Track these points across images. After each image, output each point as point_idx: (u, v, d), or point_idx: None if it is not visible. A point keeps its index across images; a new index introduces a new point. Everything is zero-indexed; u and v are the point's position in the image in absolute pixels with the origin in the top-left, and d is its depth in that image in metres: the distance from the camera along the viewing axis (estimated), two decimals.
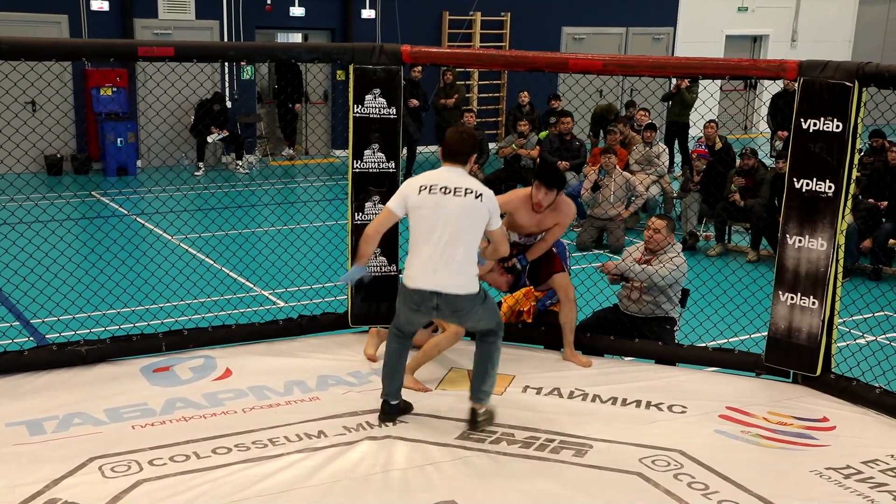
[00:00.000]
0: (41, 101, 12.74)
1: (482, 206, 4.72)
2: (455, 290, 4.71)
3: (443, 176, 4.78)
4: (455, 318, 4.93)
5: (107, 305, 7.09)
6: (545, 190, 5.70)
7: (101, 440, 4.78)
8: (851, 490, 4.48)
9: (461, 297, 4.73)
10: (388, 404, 5.07)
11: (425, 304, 4.77)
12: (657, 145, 12.07)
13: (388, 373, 5.05)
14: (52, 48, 5.77)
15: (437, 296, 4.71)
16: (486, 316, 4.92)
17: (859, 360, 6.12)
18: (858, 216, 9.55)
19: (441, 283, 4.69)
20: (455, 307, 4.76)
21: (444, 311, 4.80)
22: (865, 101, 5.36)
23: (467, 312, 4.81)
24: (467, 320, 4.92)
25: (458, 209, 4.69)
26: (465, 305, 4.77)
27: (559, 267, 6.00)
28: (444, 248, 4.68)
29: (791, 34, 20.61)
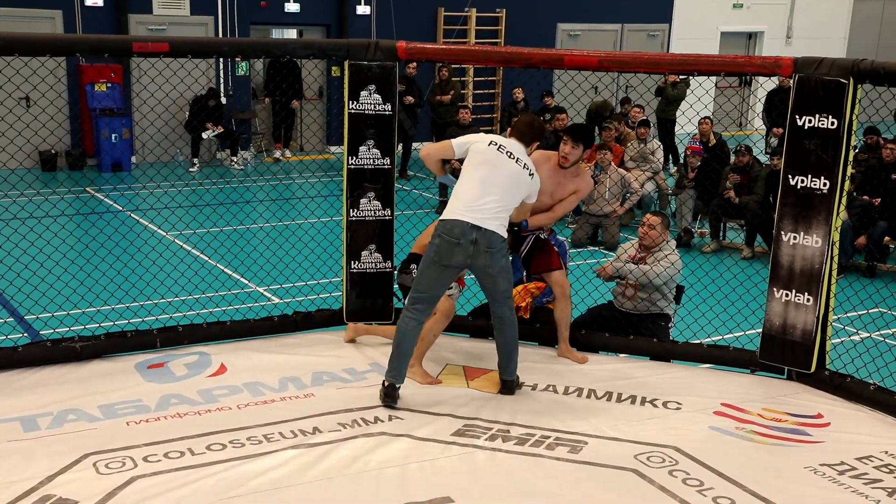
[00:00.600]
0: (35, 97, 12.71)
1: (530, 183, 5.32)
2: (493, 228, 5.17)
3: (512, 144, 5.34)
4: (488, 258, 5.19)
5: (101, 301, 7.08)
6: (572, 143, 5.74)
7: (96, 436, 4.77)
8: (846, 486, 4.49)
9: (497, 235, 5.18)
10: (394, 387, 5.21)
11: (465, 238, 5.13)
12: (652, 142, 12.08)
13: (398, 354, 5.21)
14: (46, 43, 5.75)
15: (477, 230, 5.14)
16: (507, 276, 5.35)
17: (854, 356, 6.13)
18: (853, 213, 9.58)
19: (482, 221, 5.16)
20: (490, 243, 5.15)
21: (481, 246, 5.14)
22: (860, 98, 5.36)
23: (497, 252, 5.19)
24: (496, 263, 5.22)
25: (512, 174, 5.23)
26: (497, 243, 5.19)
27: (557, 264, 5.98)
28: (491, 199, 5.18)
29: (786, 31, 20.64)
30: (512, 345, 5.43)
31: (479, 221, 5.14)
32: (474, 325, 6.44)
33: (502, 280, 5.31)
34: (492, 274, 5.25)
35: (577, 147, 5.74)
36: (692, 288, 7.16)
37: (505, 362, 5.46)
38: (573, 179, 5.86)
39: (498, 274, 5.27)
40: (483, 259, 5.18)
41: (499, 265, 5.25)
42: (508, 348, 5.43)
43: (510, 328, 5.40)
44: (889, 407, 5.33)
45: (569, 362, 5.98)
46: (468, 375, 5.73)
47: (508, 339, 5.41)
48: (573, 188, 5.87)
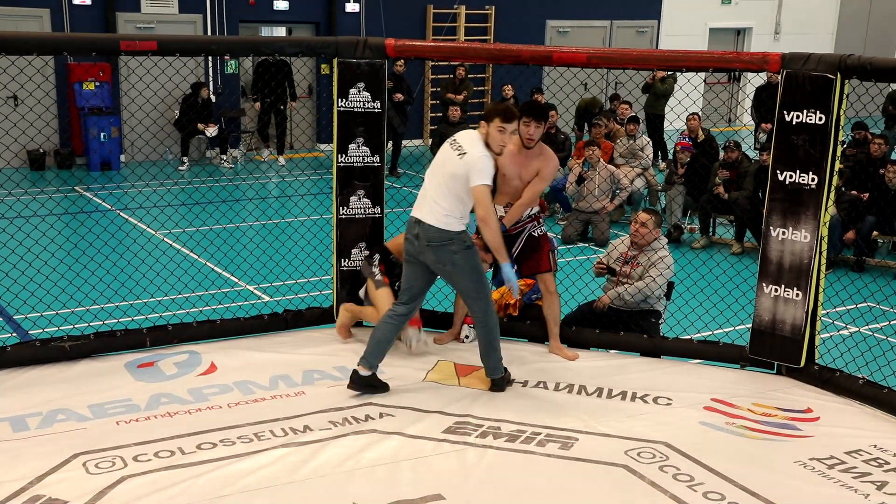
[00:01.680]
0: (23, 96, 12.65)
1: (461, 163, 5.08)
2: (431, 222, 5.10)
3: (463, 135, 5.27)
4: (431, 253, 5.13)
5: (90, 301, 7.06)
6: (535, 122, 5.70)
7: (85, 436, 4.75)
8: (835, 480, 4.50)
9: (435, 229, 5.10)
10: (357, 374, 5.28)
11: (411, 232, 5.19)
12: (641, 138, 12.09)
13: (371, 342, 5.30)
14: (33, 42, 5.73)
15: (419, 224, 5.14)
16: (466, 274, 5.18)
17: (843, 351, 6.16)
18: (841, 208, 9.61)
19: (423, 214, 5.16)
20: (429, 237, 5.11)
21: (422, 241, 5.13)
22: (848, 94, 5.38)
23: (440, 247, 5.10)
24: (442, 259, 5.13)
25: (445, 160, 5.17)
26: (438, 237, 5.10)
27: (547, 266, 5.96)
28: (429, 191, 5.18)
29: (774, 27, 20.69)
30: (486, 344, 5.38)
31: (420, 215, 5.16)
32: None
33: (460, 278, 5.24)
34: (445, 271, 5.21)
35: (541, 125, 5.74)
36: (682, 284, 7.18)
37: (484, 362, 5.45)
38: (536, 159, 5.82)
39: (452, 272, 5.20)
40: (428, 255, 5.16)
41: (449, 262, 5.15)
42: (482, 348, 5.41)
43: (481, 328, 5.36)
44: (878, 401, 5.35)
45: (559, 359, 5.99)
46: (459, 372, 5.73)
47: (482, 338, 5.39)
48: (537, 168, 5.82)
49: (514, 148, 5.77)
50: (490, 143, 5.13)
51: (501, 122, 5.09)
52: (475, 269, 5.22)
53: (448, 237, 5.11)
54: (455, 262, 5.15)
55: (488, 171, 5.08)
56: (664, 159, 14.68)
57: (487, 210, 5.09)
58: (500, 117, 5.10)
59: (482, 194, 5.06)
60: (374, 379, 5.31)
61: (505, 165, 5.78)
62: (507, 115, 5.13)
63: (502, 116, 5.10)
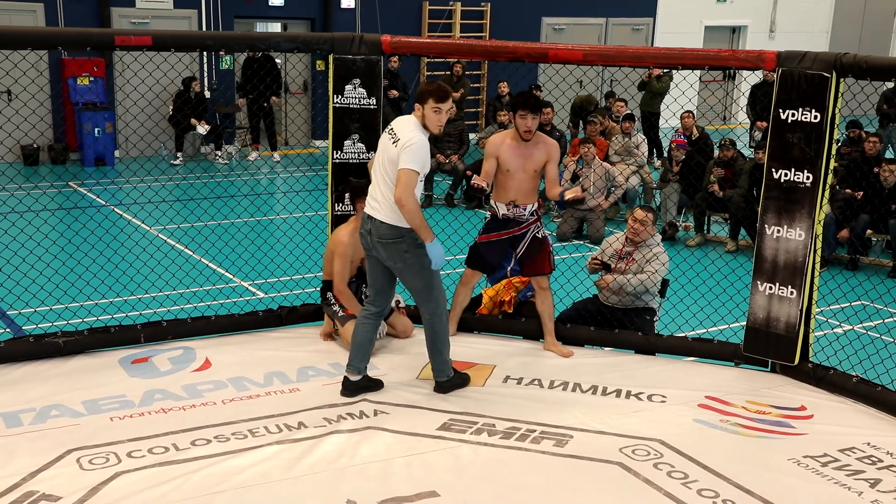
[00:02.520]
0: (17, 91, 12.61)
1: (394, 150, 4.98)
2: (382, 218, 5.03)
3: (399, 121, 5.15)
4: (383, 250, 5.07)
5: (84, 297, 7.04)
6: (531, 115, 5.69)
7: (79, 432, 4.74)
8: (829, 478, 4.51)
9: (386, 225, 5.01)
10: (348, 380, 5.28)
11: (364, 227, 5.14)
12: (636, 136, 12.10)
13: (352, 347, 5.27)
14: (27, 37, 5.71)
15: (371, 220, 5.08)
16: (416, 272, 5.08)
17: (836, 349, 6.17)
18: (836, 206, 9.63)
19: (373, 210, 5.09)
20: (380, 233, 5.04)
21: (374, 237, 5.07)
22: (843, 92, 5.39)
23: (391, 244, 5.03)
24: (392, 256, 5.06)
25: (386, 152, 5.05)
26: (388, 235, 5.02)
27: (548, 268, 5.96)
28: (376, 186, 5.10)
29: (769, 25, 20.71)
30: (431, 345, 5.29)
31: (371, 211, 5.10)
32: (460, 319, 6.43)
33: (410, 277, 5.13)
34: (396, 268, 5.13)
35: (537, 117, 5.73)
36: (677, 281, 7.18)
37: (430, 362, 5.38)
38: (537, 148, 5.82)
39: (403, 270, 5.12)
40: (379, 251, 5.09)
41: (400, 259, 5.07)
42: (428, 349, 5.32)
43: (427, 329, 5.27)
44: (871, 399, 5.37)
45: (554, 356, 5.99)
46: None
47: (428, 340, 5.30)
48: (544, 156, 5.82)
49: (513, 141, 5.78)
50: (428, 125, 5.03)
51: (435, 102, 4.97)
52: (426, 268, 5.09)
53: (399, 234, 5.01)
54: (406, 261, 5.06)
55: (419, 156, 4.92)
56: (659, 157, 14.68)
57: (405, 192, 4.87)
58: (433, 98, 4.98)
59: (406, 176, 4.87)
60: (364, 381, 5.30)
61: (506, 160, 5.78)
62: (440, 94, 4.99)
63: (436, 96, 4.98)
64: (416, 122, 5.04)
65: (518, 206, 5.86)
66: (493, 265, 6.14)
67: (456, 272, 7.64)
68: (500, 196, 5.90)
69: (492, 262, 6.09)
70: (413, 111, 5.08)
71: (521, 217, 5.89)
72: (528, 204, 5.89)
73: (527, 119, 5.69)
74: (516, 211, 5.88)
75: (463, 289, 6.20)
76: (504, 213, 5.90)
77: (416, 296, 5.22)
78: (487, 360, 5.86)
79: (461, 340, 6.17)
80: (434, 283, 5.17)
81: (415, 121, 5.05)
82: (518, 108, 5.72)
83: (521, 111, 5.69)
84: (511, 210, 5.88)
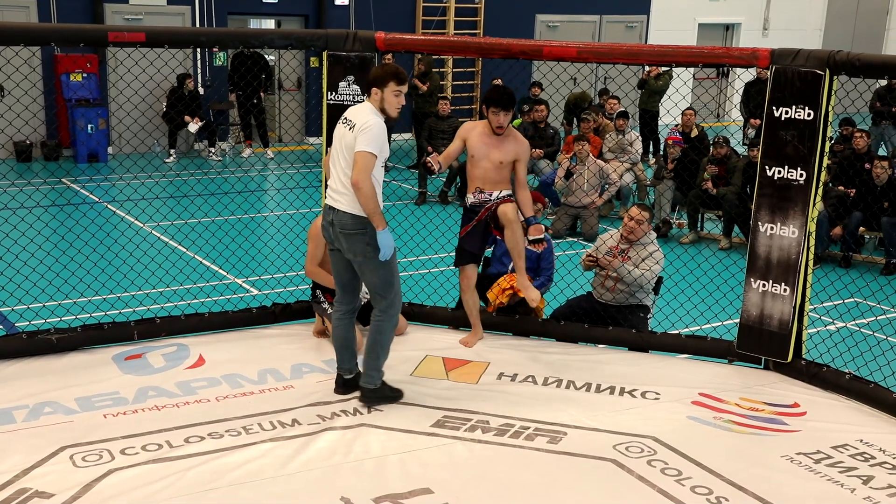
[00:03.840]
0: (10, 87, 12.56)
1: (351, 136, 4.88)
2: (343, 208, 4.91)
3: (353, 109, 5.04)
4: (344, 241, 4.94)
5: (78, 293, 7.03)
6: (503, 112, 5.71)
7: (73, 429, 4.73)
8: (822, 475, 4.53)
9: (348, 215, 4.90)
10: (341, 377, 5.25)
11: (326, 219, 5.03)
12: (630, 133, 12.11)
13: (335, 345, 5.23)
14: (20, 33, 5.68)
15: (333, 211, 4.97)
16: (376, 266, 4.92)
17: (829, 346, 6.18)
18: (829, 204, 9.65)
19: (334, 201, 4.98)
20: (342, 224, 4.91)
21: (336, 228, 4.95)
22: (836, 90, 5.40)
23: (352, 235, 4.90)
24: (353, 248, 4.92)
25: (343, 140, 4.94)
26: (350, 225, 4.90)
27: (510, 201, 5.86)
28: (335, 176, 4.99)
29: (763, 22, 20.74)
30: (371, 346, 5.07)
31: (332, 202, 4.98)
32: (453, 316, 6.44)
33: (368, 270, 4.97)
34: (356, 261, 4.98)
35: (509, 113, 5.75)
36: (670, 279, 7.19)
37: (363, 365, 5.14)
38: (508, 140, 5.83)
39: (362, 263, 4.96)
40: (341, 241, 4.97)
41: (360, 252, 4.92)
42: (366, 348, 5.11)
43: (374, 327, 5.05)
44: (864, 396, 5.38)
45: (547, 353, 5.98)
46: (447, 366, 5.73)
47: (369, 339, 5.08)
48: (512, 152, 5.82)
49: (485, 129, 5.83)
50: (387, 108, 4.91)
51: (397, 84, 4.87)
52: (386, 264, 4.94)
53: (361, 224, 4.88)
54: (367, 254, 4.91)
55: (377, 139, 4.82)
56: (655, 154, 14.70)
57: (361, 176, 4.76)
58: (394, 80, 4.86)
59: (363, 159, 4.78)
60: (357, 380, 5.19)
61: (473, 146, 5.84)
62: (400, 76, 4.89)
63: (397, 79, 4.87)
64: (372, 107, 4.93)
65: (483, 192, 5.89)
66: (476, 252, 6.11)
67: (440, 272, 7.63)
68: (469, 186, 5.99)
69: (473, 250, 6.07)
70: (370, 96, 4.95)
71: (486, 201, 5.91)
72: (495, 190, 5.89)
73: (499, 116, 5.73)
74: (482, 196, 5.91)
75: (467, 294, 6.12)
76: (472, 201, 5.95)
77: (372, 291, 5.05)
78: (481, 357, 5.86)
79: (456, 338, 6.17)
80: (394, 281, 5.02)
81: (370, 106, 4.94)
82: (490, 105, 5.75)
83: (493, 108, 5.73)
84: (477, 196, 5.92)
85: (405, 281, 7.78)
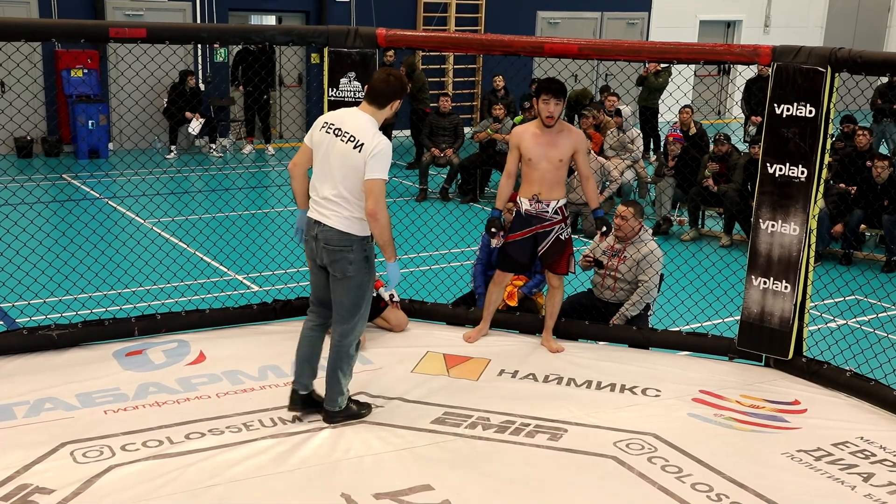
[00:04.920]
0: (10, 83, 12.56)
1: (359, 157, 4.53)
2: (332, 224, 4.59)
3: (346, 117, 4.67)
4: (327, 256, 4.64)
5: (78, 289, 7.03)
6: (554, 100, 5.57)
7: (73, 425, 4.74)
8: (822, 472, 4.53)
9: (335, 231, 4.58)
10: (296, 392, 4.90)
11: (310, 233, 4.70)
12: (631, 130, 12.10)
13: (298, 358, 4.90)
14: (21, 28, 5.68)
15: (318, 225, 4.63)
16: (349, 288, 4.65)
17: (830, 343, 6.19)
18: (830, 201, 9.64)
19: (321, 216, 4.64)
20: (328, 239, 4.60)
21: (320, 244, 4.63)
22: (837, 87, 5.39)
23: (338, 251, 4.59)
24: (337, 266, 4.62)
25: (340, 155, 4.58)
26: (336, 241, 4.58)
27: (565, 269, 5.88)
28: (326, 190, 4.62)
29: (764, 20, 20.72)
30: (332, 371, 4.79)
31: (319, 216, 4.64)
32: (453, 314, 6.44)
33: (340, 289, 4.67)
34: (335, 277, 4.66)
35: (560, 102, 5.60)
36: (671, 276, 7.19)
37: (325, 388, 4.85)
38: (562, 136, 5.69)
39: (341, 281, 4.65)
40: (324, 256, 4.64)
41: (340, 270, 4.62)
42: (327, 373, 4.82)
43: (333, 351, 4.77)
44: (865, 393, 5.38)
45: (548, 352, 5.97)
46: (448, 363, 5.73)
47: (329, 363, 4.80)
48: (570, 147, 5.69)
49: (536, 129, 5.69)
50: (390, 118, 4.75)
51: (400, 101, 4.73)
52: (361, 287, 4.66)
53: (348, 242, 4.58)
54: (345, 273, 4.61)
55: (388, 162, 4.57)
56: (656, 152, 14.69)
57: (379, 205, 4.51)
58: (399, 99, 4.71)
59: (379, 188, 4.51)
60: (313, 396, 4.92)
61: (529, 149, 5.67)
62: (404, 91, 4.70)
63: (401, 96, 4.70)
64: (373, 120, 4.65)
65: (541, 202, 5.72)
66: (523, 263, 5.96)
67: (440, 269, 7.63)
68: (525, 190, 5.78)
69: (520, 260, 5.91)
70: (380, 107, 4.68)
71: (543, 214, 5.75)
72: (553, 200, 5.74)
73: (549, 104, 5.57)
74: (539, 207, 5.74)
75: (496, 288, 6.04)
76: (527, 208, 5.77)
77: (337, 312, 4.73)
78: (482, 355, 5.86)
79: (456, 334, 6.17)
80: (362, 307, 4.73)
81: (371, 120, 4.64)
82: (542, 93, 5.60)
83: (545, 95, 5.58)
84: (534, 206, 5.74)
85: (406, 277, 7.81)
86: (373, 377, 5.47)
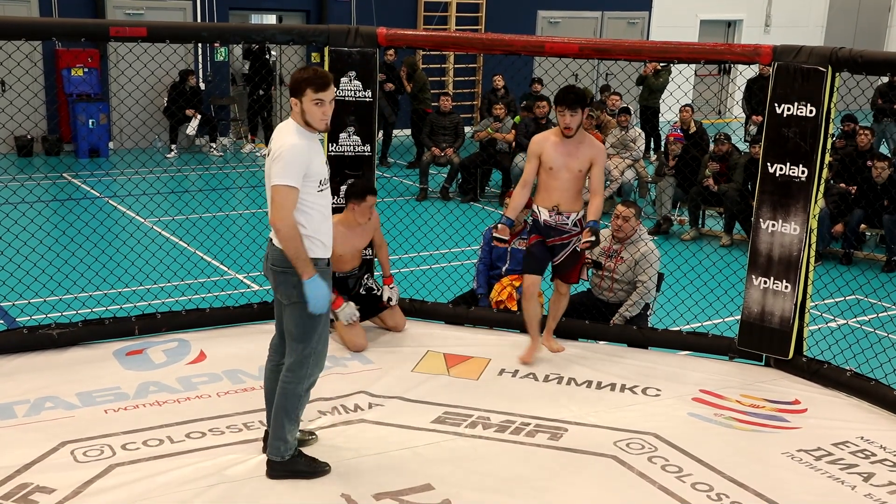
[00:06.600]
0: (11, 81, 12.56)
1: (272, 163, 4.09)
2: (276, 241, 4.15)
3: (276, 129, 4.24)
4: (272, 278, 4.21)
5: (78, 288, 7.02)
6: (570, 112, 5.44)
7: (74, 424, 4.74)
8: (822, 472, 4.53)
9: (278, 249, 4.11)
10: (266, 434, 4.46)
11: (266, 253, 4.29)
12: (632, 129, 12.09)
13: (266, 400, 4.47)
14: (21, 27, 5.68)
15: (269, 244, 4.22)
16: (297, 314, 4.14)
17: (830, 343, 6.19)
18: (830, 201, 9.64)
19: (272, 234, 4.19)
20: (274, 259, 4.15)
21: (269, 262, 4.21)
22: (838, 86, 5.39)
23: (280, 272, 4.12)
24: (282, 288, 4.16)
25: (267, 169, 4.18)
26: (280, 261, 4.10)
27: (576, 279, 5.85)
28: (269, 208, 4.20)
29: (765, 19, 20.71)
30: (277, 412, 4.24)
31: (271, 234, 4.20)
32: (453, 313, 6.44)
33: (289, 315, 4.17)
34: (282, 302, 4.22)
35: (576, 113, 5.46)
36: (671, 276, 7.19)
37: (269, 431, 4.36)
38: (583, 145, 5.58)
39: (287, 307, 4.16)
40: (271, 278, 4.22)
41: (285, 294, 4.14)
42: (273, 415, 4.28)
43: (280, 389, 4.24)
44: (865, 393, 5.38)
45: (548, 351, 5.97)
46: (448, 362, 5.73)
47: (276, 403, 4.25)
48: (589, 156, 5.56)
49: (557, 138, 5.57)
50: (310, 121, 4.08)
51: (315, 92, 4.03)
52: (311, 316, 4.11)
53: (290, 262, 4.07)
54: (291, 297, 4.11)
55: (293, 165, 4.02)
56: (656, 151, 14.68)
57: (279, 213, 4.01)
58: (311, 87, 4.03)
59: (279, 195, 4.01)
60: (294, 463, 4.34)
61: (550, 158, 5.55)
62: (318, 82, 4.05)
63: (314, 85, 4.03)
64: (293, 123, 4.13)
65: (561, 214, 5.60)
66: (546, 260, 5.77)
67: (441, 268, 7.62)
68: (543, 199, 5.65)
69: (545, 258, 5.75)
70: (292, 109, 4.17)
71: (563, 227, 5.65)
72: (573, 212, 5.62)
73: (565, 116, 5.44)
74: (559, 219, 5.63)
75: (530, 302, 5.78)
76: (546, 219, 5.65)
77: (287, 339, 4.25)
78: (482, 354, 5.86)
79: (457, 333, 6.17)
80: (311, 337, 4.17)
81: (292, 124, 4.14)
82: (557, 105, 5.50)
83: (559, 107, 5.47)
84: (553, 217, 5.62)
85: (406, 277, 7.80)
86: (373, 377, 5.47)
